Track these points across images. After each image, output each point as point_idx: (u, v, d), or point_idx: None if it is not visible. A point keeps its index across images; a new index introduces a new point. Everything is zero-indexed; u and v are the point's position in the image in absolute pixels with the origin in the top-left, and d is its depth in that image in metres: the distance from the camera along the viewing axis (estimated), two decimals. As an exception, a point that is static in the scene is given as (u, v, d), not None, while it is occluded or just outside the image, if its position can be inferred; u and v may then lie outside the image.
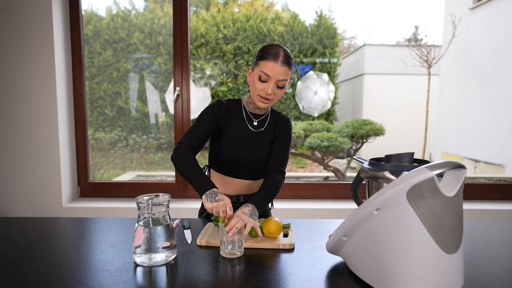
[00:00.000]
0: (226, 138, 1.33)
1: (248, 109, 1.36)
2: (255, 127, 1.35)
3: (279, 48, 1.23)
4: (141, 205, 0.99)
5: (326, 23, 4.32)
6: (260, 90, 1.24)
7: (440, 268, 0.77)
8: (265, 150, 1.35)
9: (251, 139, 1.34)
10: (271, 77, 1.21)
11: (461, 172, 0.80)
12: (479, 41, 4.87)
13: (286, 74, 1.23)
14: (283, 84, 1.24)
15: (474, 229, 1.30)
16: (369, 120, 3.90)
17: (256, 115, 1.37)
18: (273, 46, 1.24)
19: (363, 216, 0.82)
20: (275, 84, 1.23)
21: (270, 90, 1.22)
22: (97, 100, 3.38)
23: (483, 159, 4.78)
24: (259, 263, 1.01)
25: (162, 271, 0.95)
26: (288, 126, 1.40)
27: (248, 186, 1.39)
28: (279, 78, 1.22)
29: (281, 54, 1.22)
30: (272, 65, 1.21)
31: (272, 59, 1.21)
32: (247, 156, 1.33)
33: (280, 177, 1.31)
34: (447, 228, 0.77)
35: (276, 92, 1.25)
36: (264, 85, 1.23)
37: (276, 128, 1.38)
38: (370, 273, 0.86)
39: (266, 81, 1.23)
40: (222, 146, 1.33)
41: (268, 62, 1.21)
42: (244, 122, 1.34)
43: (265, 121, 1.37)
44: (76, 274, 0.93)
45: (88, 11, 3.37)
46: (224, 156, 1.34)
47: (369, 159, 1.04)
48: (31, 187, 2.36)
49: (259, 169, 1.37)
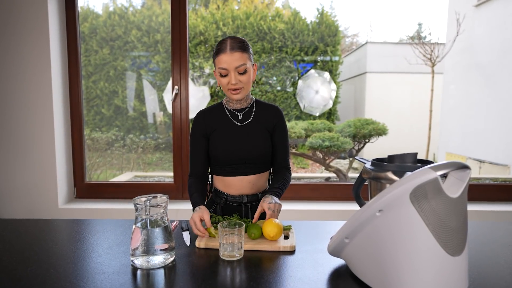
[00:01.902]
0: (216, 141, 1.39)
1: (230, 107, 1.42)
2: (241, 121, 1.40)
3: (226, 39, 1.31)
4: (139, 207, 1.00)
5: (327, 20, 4.32)
6: (226, 84, 1.32)
7: (444, 271, 0.77)
8: (259, 142, 1.39)
9: (241, 133, 1.39)
10: (227, 68, 1.28)
11: (466, 173, 0.80)
12: (484, 39, 4.87)
13: (241, 58, 1.28)
14: (243, 69, 1.29)
15: (479, 231, 1.30)
16: (371, 119, 3.90)
17: (239, 110, 1.42)
18: (221, 41, 1.31)
19: (365, 217, 0.82)
20: (235, 72, 1.29)
21: (234, 80, 1.29)
22: (93, 99, 3.38)
23: (488, 160, 4.77)
24: (259, 265, 1.01)
25: (160, 274, 0.95)
26: (280, 117, 1.45)
27: (250, 183, 1.40)
28: (235, 65, 1.28)
29: (227, 43, 1.28)
30: (222, 57, 1.28)
31: (221, 52, 1.28)
32: (242, 149, 1.37)
33: (288, 174, 1.43)
34: (451, 230, 0.77)
35: (241, 79, 1.31)
36: (227, 79, 1.31)
37: (265, 117, 1.42)
38: (372, 276, 0.86)
39: (227, 75, 1.30)
40: (214, 149, 1.39)
41: (220, 56, 1.29)
42: (228, 120, 1.40)
43: (251, 112, 1.42)
44: (72, 277, 0.93)
45: (85, 8, 3.37)
46: (219, 157, 1.38)
47: (372, 160, 1.05)
48: (26, 188, 2.36)
49: (257, 161, 1.39)
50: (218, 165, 1.40)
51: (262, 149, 1.39)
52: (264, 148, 1.39)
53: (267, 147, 1.40)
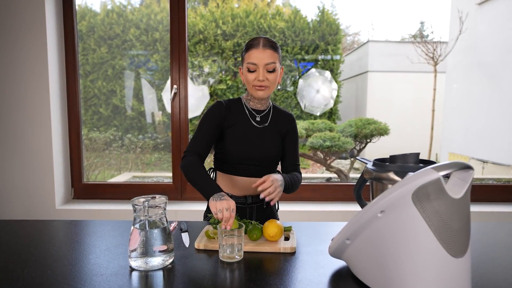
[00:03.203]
0: (232, 137, 1.38)
1: (249, 106, 1.42)
2: (258, 123, 1.41)
3: (259, 37, 1.33)
4: (137, 207, 1.00)
5: (328, 18, 4.32)
6: (253, 80, 1.32)
7: (446, 272, 0.77)
8: (272, 145, 1.41)
9: (257, 134, 1.40)
10: (257, 64, 1.30)
11: (469, 173, 0.80)
12: (487, 37, 4.86)
13: (271, 56, 1.30)
14: (272, 68, 1.31)
15: (482, 232, 1.30)
16: (373, 119, 3.90)
17: (258, 111, 1.42)
18: (253, 38, 1.34)
19: (367, 218, 0.82)
20: (264, 69, 1.30)
21: (261, 76, 1.30)
22: (91, 98, 3.38)
23: (491, 160, 4.77)
24: (259, 267, 1.01)
25: (158, 276, 0.95)
26: (293, 124, 1.48)
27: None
28: (265, 62, 1.30)
29: (261, 40, 1.31)
30: (255, 52, 1.30)
31: (254, 47, 1.30)
32: (255, 152, 1.38)
33: (297, 173, 1.44)
34: (454, 231, 0.77)
35: (269, 77, 1.32)
36: (254, 75, 1.31)
37: (280, 123, 1.45)
38: (374, 278, 0.86)
39: (255, 70, 1.31)
40: (229, 146, 1.38)
41: (251, 51, 1.30)
42: (247, 119, 1.40)
43: (268, 116, 1.43)
44: (70, 278, 0.93)
45: (82, 6, 3.37)
46: (231, 155, 1.38)
47: (373, 160, 1.04)
48: (23, 188, 2.36)
49: (266, 165, 1.41)
50: (228, 163, 1.40)
51: (274, 153, 1.42)
52: (276, 152, 1.42)
53: (279, 151, 1.44)
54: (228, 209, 1.07)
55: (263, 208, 1.46)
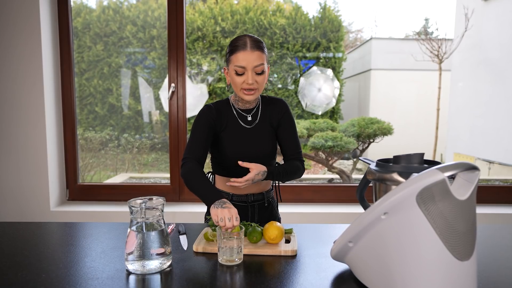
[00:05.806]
0: (226, 140, 1.38)
1: (238, 107, 1.42)
2: (249, 123, 1.41)
3: (245, 36, 1.30)
4: (134, 209, 1.00)
5: (330, 15, 4.32)
6: (241, 83, 1.30)
7: (452, 276, 0.77)
8: (267, 141, 1.41)
9: (249, 135, 1.39)
10: (245, 67, 1.27)
11: (474, 174, 0.80)
12: (493, 34, 4.86)
13: (260, 58, 1.28)
14: (261, 70, 1.29)
15: (488, 234, 1.30)
16: (376, 118, 3.90)
17: (247, 110, 1.42)
18: (239, 38, 1.30)
19: (370, 220, 0.83)
20: (253, 72, 1.28)
21: (250, 79, 1.28)
22: (87, 97, 3.38)
23: (497, 160, 4.77)
24: (259, 270, 1.01)
25: (156, 280, 0.96)
26: (284, 110, 1.45)
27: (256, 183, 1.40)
28: (254, 64, 1.27)
29: (248, 41, 1.28)
30: (242, 55, 1.26)
31: (241, 49, 1.27)
32: (251, 152, 1.38)
33: (299, 163, 1.41)
34: (459, 233, 0.77)
35: (258, 80, 1.30)
36: (243, 78, 1.29)
37: (270, 115, 1.43)
38: (377, 281, 0.86)
39: (243, 73, 1.28)
40: (223, 149, 1.39)
41: (238, 53, 1.27)
42: (237, 121, 1.40)
43: (258, 113, 1.43)
44: (65, 282, 0.93)
45: (78, 2, 3.37)
46: (227, 158, 1.39)
47: (377, 160, 1.05)
48: (17, 190, 2.36)
49: (263, 162, 1.40)
50: (224, 166, 1.42)
51: (268, 149, 1.41)
52: (270, 148, 1.42)
53: (273, 146, 1.43)
54: (231, 219, 1.07)
55: (265, 206, 1.49)
